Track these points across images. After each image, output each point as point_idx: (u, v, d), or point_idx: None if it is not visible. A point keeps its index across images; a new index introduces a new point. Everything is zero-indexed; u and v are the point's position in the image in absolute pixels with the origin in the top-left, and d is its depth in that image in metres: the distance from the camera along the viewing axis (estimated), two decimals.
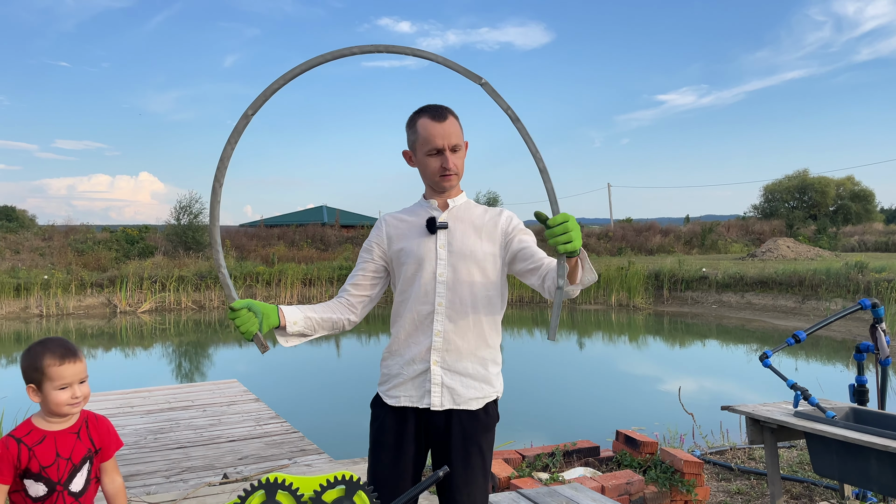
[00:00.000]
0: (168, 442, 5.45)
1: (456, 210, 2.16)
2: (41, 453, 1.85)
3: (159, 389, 7.53)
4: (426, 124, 2.07)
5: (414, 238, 2.12)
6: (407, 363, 2.10)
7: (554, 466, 4.32)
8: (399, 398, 2.11)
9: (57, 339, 1.91)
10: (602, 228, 37.58)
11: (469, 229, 2.12)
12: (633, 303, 19.72)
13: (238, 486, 4.25)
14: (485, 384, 2.11)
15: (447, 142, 2.06)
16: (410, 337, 2.11)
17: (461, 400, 2.07)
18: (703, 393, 9.22)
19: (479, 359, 2.10)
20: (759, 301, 17.85)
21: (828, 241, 30.25)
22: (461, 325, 2.07)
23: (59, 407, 1.87)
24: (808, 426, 3.49)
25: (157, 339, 15.69)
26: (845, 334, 13.73)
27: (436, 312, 2.07)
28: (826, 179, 43.12)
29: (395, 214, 2.23)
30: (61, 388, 1.86)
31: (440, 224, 2.10)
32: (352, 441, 6.71)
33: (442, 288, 2.08)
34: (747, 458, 5.19)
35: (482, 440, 2.09)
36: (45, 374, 1.85)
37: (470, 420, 2.08)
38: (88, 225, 31.09)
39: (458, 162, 2.11)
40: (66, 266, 21.76)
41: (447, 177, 2.09)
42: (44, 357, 1.86)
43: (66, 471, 1.88)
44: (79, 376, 1.89)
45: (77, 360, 1.90)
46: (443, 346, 2.07)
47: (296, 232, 31.60)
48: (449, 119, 2.08)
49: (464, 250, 2.08)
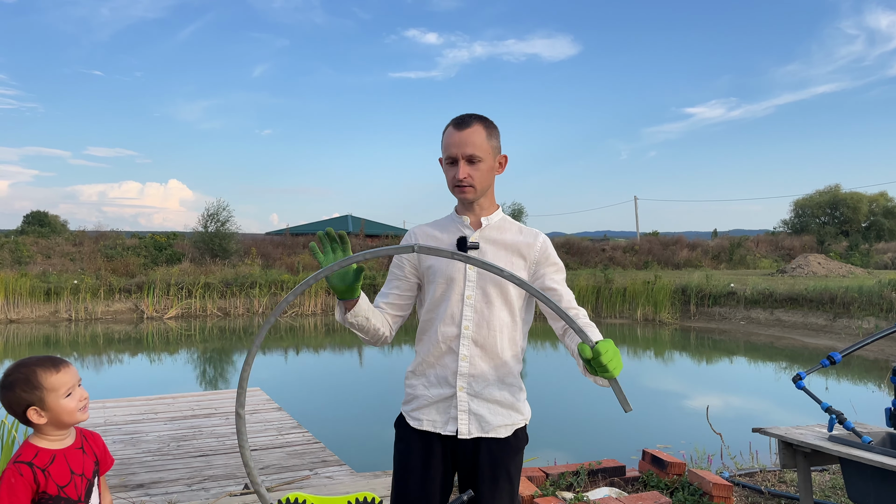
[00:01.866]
0: (191, 449, 5.45)
1: (488, 230, 2.07)
2: (56, 473, 1.77)
3: (183, 396, 7.56)
4: (448, 132, 2.01)
5: (445, 259, 2.04)
6: (432, 385, 2.04)
7: (578, 486, 4.24)
8: (422, 421, 2.04)
9: (35, 357, 1.84)
10: (628, 242, 37.27)
11: (501, 251, 2.04)
12: (659, 318, 19.47)
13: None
14: (513, 411, 2.05)
15: (461, 151, 1.97)
16: (436, 359, 2.03)
17: (489, 427, 2.01)
18: (730, 411, 9.03)
19: (507, 385, 2.04)
20: (788, 318, 17.52)
21: (860, 258, 29.64)
22: (488, 351, 2.01)
23: (72, 415, 1.80)
24: (844, 451, 3.37)
25: (183, 345, 15.82)
26: (878, 354, 13.41)
27: (462, 336, 2.00)
28: (858, 195, 42.37)
29: (425, 228, 2.14)
30: (67, 395, 1.80)
31: (471, 244, 2.01)
32: (374, 453, 6.67)
33: (469, 311, 2.01)
34: (777, 482, 5.04)
35: (511, 465, 2.03)
36: (45, 387, 1.77)
37: (499, 446, 2.01)
38: (118, 231, 31.59)
39: (475, 174, 1.98)
40: (95, 271, 22.09)
41: (461, 188, 2.00)
42: (36, 372, 1.78)
43: (83, 487, 1.82)
44: (76, 379, 1.84)
45: (69, 365, 1.85)
46: (469, 370, 2.00)
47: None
48: (473, 128, 1.98)
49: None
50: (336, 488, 4.39)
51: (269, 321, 1.33)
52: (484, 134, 1.99)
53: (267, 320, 1.30)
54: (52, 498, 1.75)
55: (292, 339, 16.78)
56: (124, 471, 4.88)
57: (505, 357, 2.02)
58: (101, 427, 6.07)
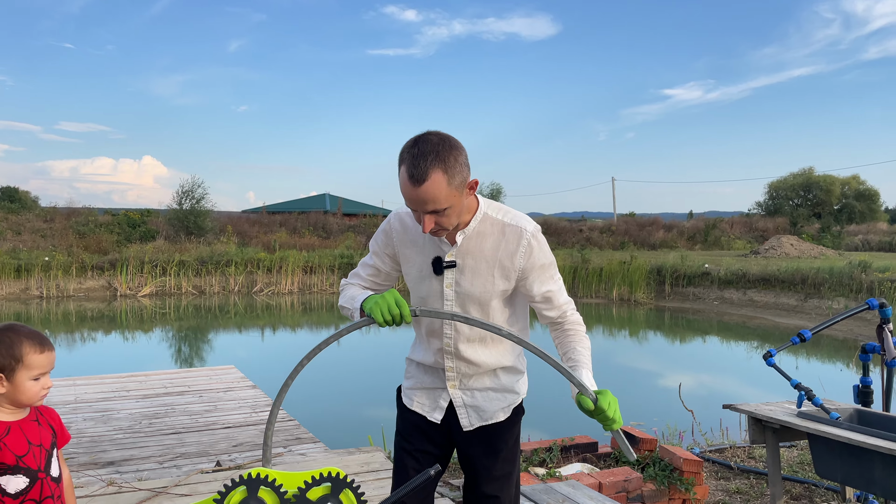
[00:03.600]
0: (163, 427, 5.40)
1: (466, 242, 1.89)
2: (12, 444, 1.74)
3: (156, 374, 7.49)
4: (403, 181, 1.74)
5: (421, 275, 1.95)
6: (424, 373, 2.08)
7: (551, 462, 4.27)
8: (413, 402, 2.09)
9: (28, 327, 1.80)
10: (605, 222, 37.51)
11: (481, 265, 1.90)
12: (634, 297, 19.66)
13: (231, 473, 4.20)
14: (508, 393, 2.06)
15: (421, 208, 1.75)
16: (425, 357, 2.06)
17: (487, 415, 2.03)
18: (702, 389, 9.16)
19: (499, 374, 2.05)
20: (761, 298, 17.78)
21: (831, 240, 30.12)
22: (473, 360, 2.00)
23: (31, 398, 1.77)
24: (812, 427, 3.42)
25: (157, 323, 15.67)
26: (847, 333, 13.66)
27: (445, 351, 1.99)
28: (831, 178, 42.94)
29: (404, 223, 1.98)
30: (35, 378, 1.77)
31: (447, 263, 1.90)
32: (349, 431, 6.67)
33: (449, 329, 1.97)
34: (747, 457, 5.13)
35: (508, 436, 2.06)
36: (23, 362, 1.74)
37: (496, 426, 2.05)
38: (90, 207, 31.10)
39: (442, 220, 1.78)
40: (67, 248, 21.75)
41: (434, 233, 1.83)
42: (22, 344, 1.74)
43: (42, 457, 1.80)
44: (52, 367, 1.82)
45: (52, 350, 1.82)
46: (456, 377, 2.03)
47: (298, 219, 31.57)
48: (430, 180, 1.69)
49: (473, 292, 1.91)
50: (309, 465, 4.38)
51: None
52: (444, 182, 1.71)
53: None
54: (10, 467, 1.73)
55: (269, 318, 16.70)
56: (94, 448, 4.83)
57: (492, 361, 2.01)
58: (72, 405, 5.99)
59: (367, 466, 4.18)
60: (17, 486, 1.73)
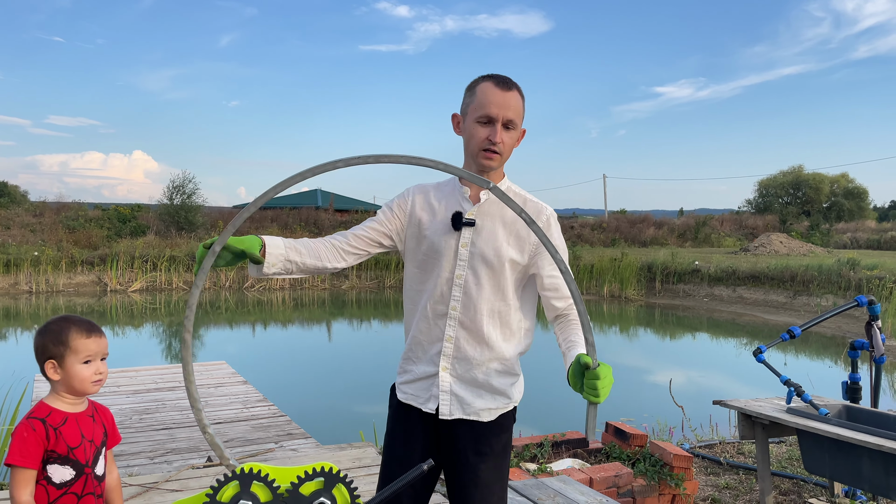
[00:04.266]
0: (153, 423, 5.39)
1: (488, 204, 1.93)
2: (67, 434, 1.77)
3: (146, 370, 7.46)
4: (487, 88, 1.86)
5: (438, 230, 1.94)
6: (419, 361, 2.00)
7: (542, 457, 4.28)
8: (407, 395, 2.02)
9: (78, 317, 1.85)
10: (596, 219, 37.56)
11: (499, 228, 1.92)
12: (625, 294, 19.72)
13: (222, 469, 4.20)
14: (498, 395, 1.96)
15: (503, 112, 1.84)
16: (423, 335, 1.97)
17: (471, 410, 1.94)
18: (692, 386, 9.21)
19: (491, 370, 1.95)
20: (750, 295, 17.87)
21: (820, 238, 30.30)
22: (475, 334, 1.93)
23: (83, 383, 1.79)
24: (801, 423, 3.45)
25: (147, 318, 15.61)
26: (835, 330, 13.76)
27: (449, 316, 1.93)
28: (820, 176, 43.15)
29: (425, 189, 2.03)
30: (86, 363, 1.79)
31: (466, 220, 1.90)
32: (340, 426, 6.68)
33: (458, 291, 1.92)
34: (736, 453, 5.16)
35: (494, 441, 1.96)
36: (70, 346, 1.77)
37: (481, 425, 1.96)
38: (80, 202, 30.90)
39: (507, 140, 1.87)
40: (56, 243, 21.60)
41: (490, 153, 1.87)
42: (69, 330, 1.79)
43: (92, 452, 1.81)
44: (103, 352, 1.84)
45: (102, 336, 1.85)
46: (453, 352, 1.94)
47: (289, 215, 31.45)
48: (514, 91, 1.87)
49: (486, 253, 1.90)
50: (300, 460, 4.38)
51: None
52: (521, 101, 1.90)
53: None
54: (60, 457, 1.75)
55: (260, 314, 16.65)
56: None
57: (493, 341, 1.93)
58: None
59: (358, 462, 4.18)
60: (62, 477, 1.76)
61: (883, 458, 3.09)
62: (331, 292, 20.80)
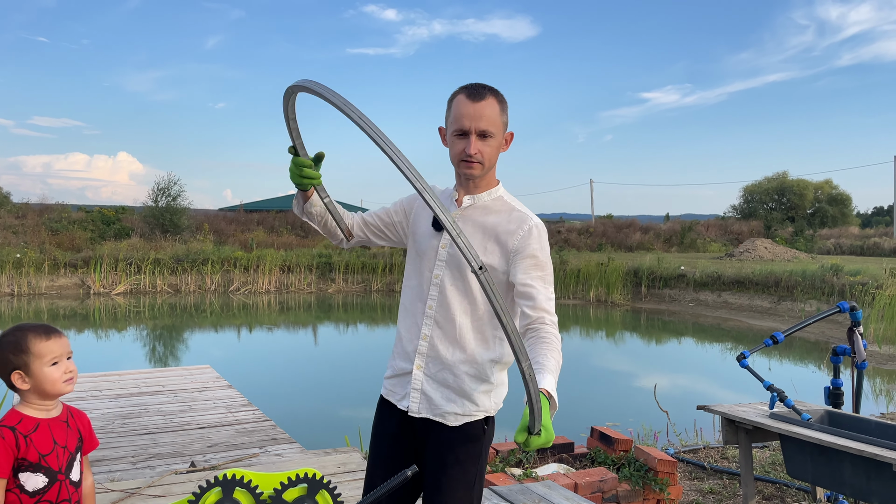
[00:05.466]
0: (136, 427, 5.34)
1: (471, 209, 1.97)
2: (38, 441, 1.75)
3: (129, 373, 7.39)
4: (460, 101, 1.90)
5: (425, 230, 2.01)
6: (400, 356, 2.05)
7: (527, 462, 4.29)
8: (388, 391, 2.07)
9: (32, 322, 1.84)
10: (583, 224, 37.71)
11: (477, 233, 1.94)
12: (611, 299, 19.80)
13: (206, 474, 4.16)
14: (467, 401, 1.94)
15: (475, 124, 1.87)
16: (405, 331, 2.04)
17: (438, 412, 1.95)
18: (677, 390, 9.25)
19: (462, 373, 1.95)
20: (735, 300, 17.99)
21: (804, 244, 30.57)
22: (448, 333, 1.95)
23: (55, 385, 1.78)
24: (784, 428, 3.47)
25: (131, 321, 15.48)
26: (818, 336, 13.88)
27: (426, 314, 1.97)
28: (804, 182, 43.57)
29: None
30: (53, 365, 1.78)
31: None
32: (325, 431, 6.65)
33: (435, 291, 1.96)
34: (720, 458, 5.19)
35: (460, 452, 1.93)
36: (32, 353, 1.76)
37: (448, 430, 1.95)
38: (64, 204, 30.61)
39: (484, 150, 1.89)
40: (39, 245, 21.39)
41: (468, 163, 1.90)
42: (27, 337, 1.77)
43: (65, 459, 1.80)
44: (67, 351, 1.83)
45: (62, 335, 1.84)
46: (428, 351, 1.97)
47: (276, 218, 31.34)
48: (487, 101, 1.88)
49: (460, 257, 1.92)
50: (285, 466, 4.36)
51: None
52: (497, 108, 1.90)
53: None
54: (32, 465, 1.73)
55: (245, 317, 16.56)
56: None
57: (466, 342, 1.95)
58: None
59: (343, 467, 4.17)
60: (35, 485, 1.74)
61: (864, 463, 3.11)
62: (317, 296, 20.72)
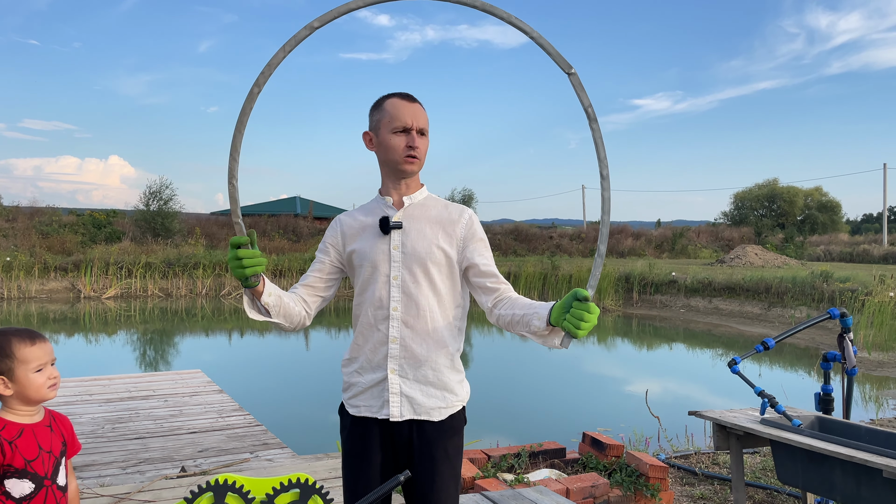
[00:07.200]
0: (126, 432, 5.31)
1: (412, 208, 2.06)
2: (23, 447, 1.73)
3: (120, 378, 7.36)
4: (396, 102, 2.02)
5: (367, 239, 2.03)
6: (365, 370, 2.02)
7: (519, 467, 4.28)
8: (360, 408, 2.02)
9: (16, 327, 1.83)
10: (575, 229, 37.81)
11: (425, 228, 2.03)
12: (602, 304, 19.83)
13: (196, 479, 4.14)
14: (447, 392, 2.01)
15: (416, 122, 2.01)
16: (367, 343, 2.02)
17: (422, 410, 1.98)
18: (668, 396, 9.27)
19: (440, 366, 2.00)
20: (726, 306, 18.06)
21: (794, 250, 30.73)
22: (419, 331, 1.98)
23: (39, 390, 1.77)
24: (775, 434, 3.48)
25: (122, 325, 15.39)
26: (808, 342, 13.94)
27: (391, 318, 1.98)
28: (795, 189, 43.84)
29: (351, 213, 2.14)
30: (37, 371, 1.78)
31: (394, 224, 2.00)
32: (317, 436, 6.62)
33: (396, 292, 1.98)
34: (711, 463, 5.20)
35: (448, 445, 2.00)
36: (17, 358, 1.75)
37: (433, 427, 1.99)
38: (54, 207, 30.47)
39: (422, 146, 2.03)
40: (29, 248, 21.26)
41: (411, 159, 2.01)
42: (11, 342, 1.76)
43: (51, 464, 1.78)
44: (51, 356, 1.83)
45: (45, 341, 1.83)
46: (400, 353, 1.98)
47: (268, 222, 31.27)
48: (419, 104, 2.05)
49: (418, 251, 1.98)
50: (276, 471, 4.34)
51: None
52: (426, 113, 2.06)
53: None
54: (18, 471, 1.72)
55: (236, 322, 16.50)
56: None
57: (438, 337, 1.99)
58: None
59: (335, 472, 4.15)
60: (21, 491, 1.72)
61: (854, 469, 3.13)
62: None
